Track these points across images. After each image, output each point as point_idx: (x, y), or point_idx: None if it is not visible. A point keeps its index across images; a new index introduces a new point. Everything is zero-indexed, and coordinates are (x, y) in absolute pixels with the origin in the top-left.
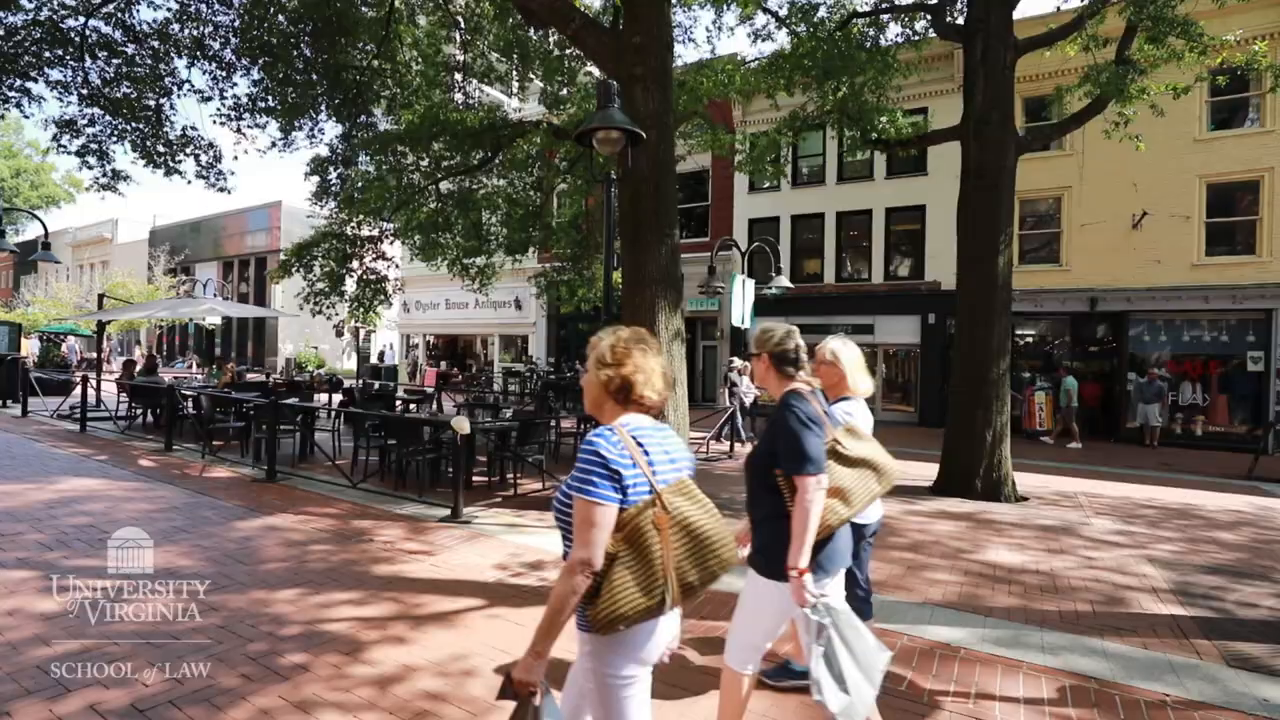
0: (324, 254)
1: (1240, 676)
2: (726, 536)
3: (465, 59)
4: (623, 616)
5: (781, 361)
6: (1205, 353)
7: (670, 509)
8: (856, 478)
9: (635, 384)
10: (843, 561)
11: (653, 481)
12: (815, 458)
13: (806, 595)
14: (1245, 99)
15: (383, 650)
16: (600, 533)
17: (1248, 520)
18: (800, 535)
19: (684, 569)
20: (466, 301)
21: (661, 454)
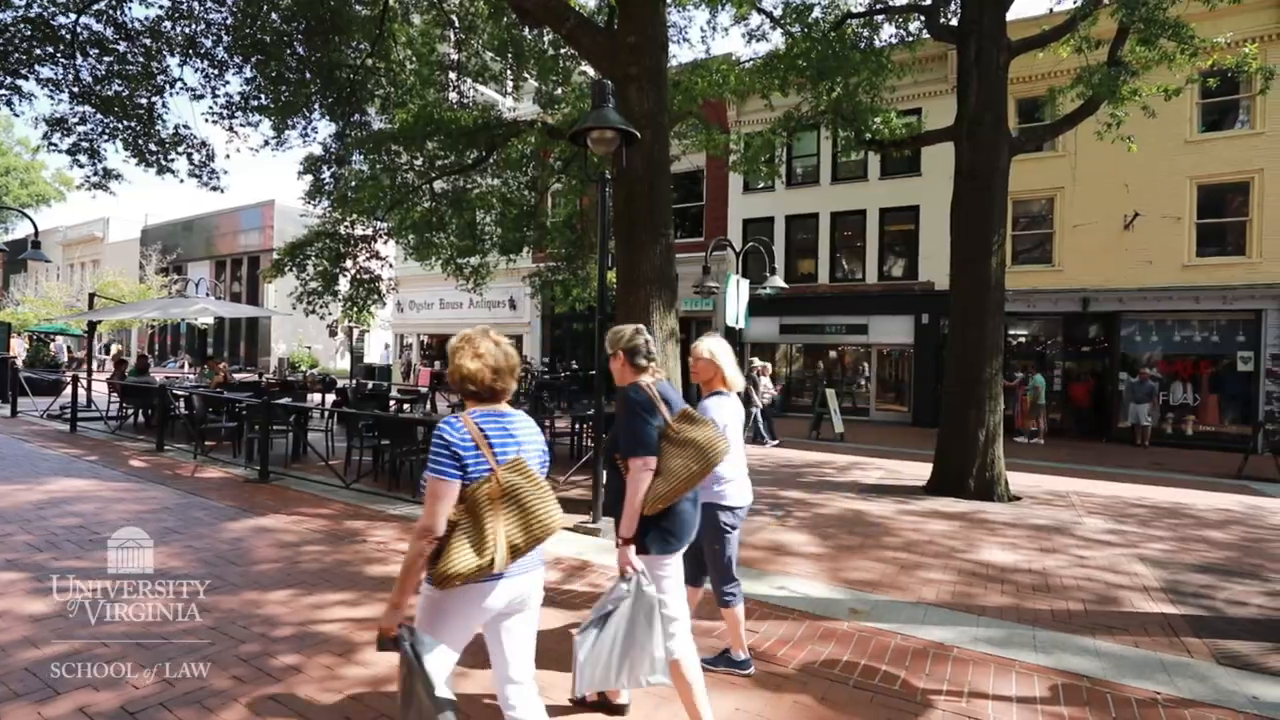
0: (317, 253)
1: (1230, 674)
2: (551, 507)
3: (460, 58)
4: (458, 574)
5: (633, 356)
6: (1196, 353)
7: (503, 483)
8: (681, 459)
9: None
10: (682, 539)
11: (492, 461)
12: (643, 442)
13: (630, 565)
14: (1235, 101)
15: (373, 651)
16: (442, 504)
17: (1237, 519)
18: (628, 511)
19: (512, 534)
20: (460, 301)
21: (505, 436)
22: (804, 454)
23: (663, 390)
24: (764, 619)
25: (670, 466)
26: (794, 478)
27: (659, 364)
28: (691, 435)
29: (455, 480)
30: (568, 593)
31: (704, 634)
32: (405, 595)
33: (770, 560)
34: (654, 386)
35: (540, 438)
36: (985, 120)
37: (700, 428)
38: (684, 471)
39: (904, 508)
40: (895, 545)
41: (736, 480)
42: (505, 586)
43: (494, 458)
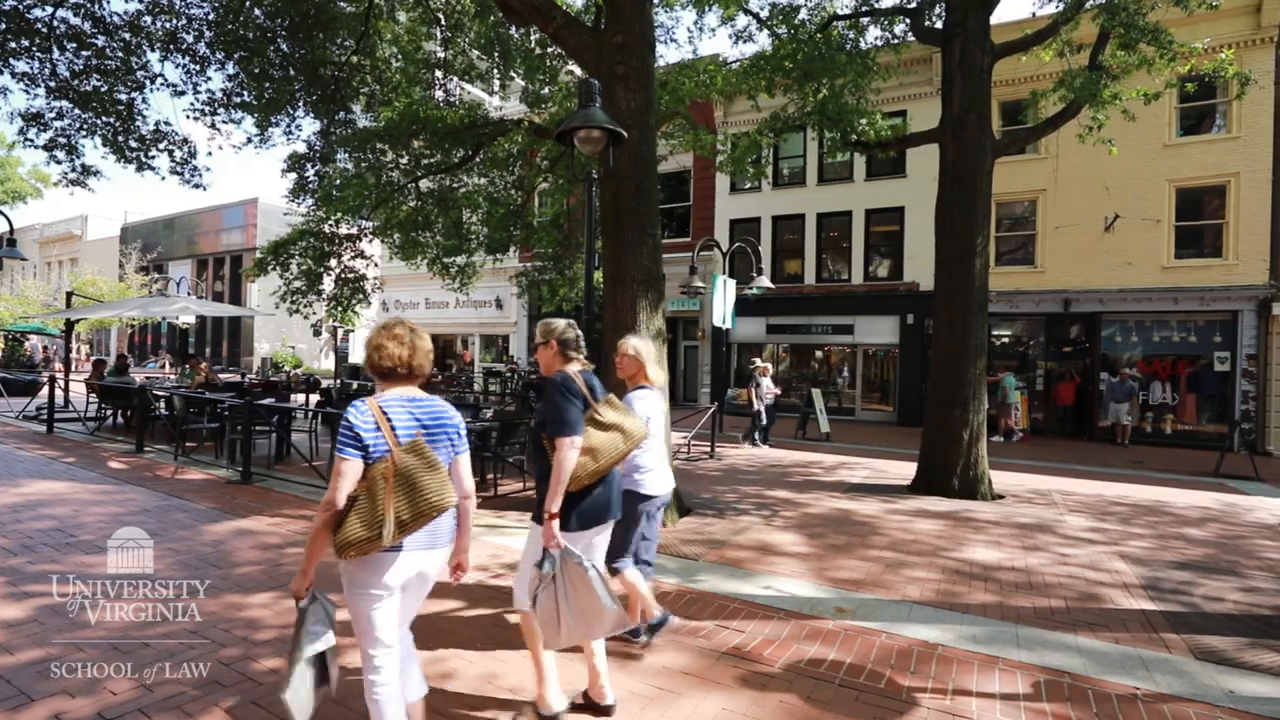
0: (301, 252)
1: (1207, 669)
2: (442, 487)
3: (446, 56)
4: (350, 544)
5: (565, 347)
6: (1174, 353)
7: (398, 463)
8: (607, 439)
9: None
10: (599, 517)
11: (392, 442)
12: (570, 423)
13: (552, 539)
14: (1213, 106)
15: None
16: (343, 480)
17: (1214, 516)
18: (554, 485)
19: (400, 509)
20: (447, 301)
21: (409, 419)
22: (791, 454)
23: (587, 379)
24: (750, 618)
25: (598, 445)
26: (781, 477)
27: (583, 355)
28: (615, 419)
29: (357, 459)
30: None
31: (690, 634)
32: (312, 562)
33: (758, 560)
34: (579, 375)
35: (453, 421)
36: (969, 122)
37: (622, 412)
38: (612, 449)
39: (890, 507)
40: (881, 544)
41: (656, 470)
42: (406, 560)
43: (394, 439)
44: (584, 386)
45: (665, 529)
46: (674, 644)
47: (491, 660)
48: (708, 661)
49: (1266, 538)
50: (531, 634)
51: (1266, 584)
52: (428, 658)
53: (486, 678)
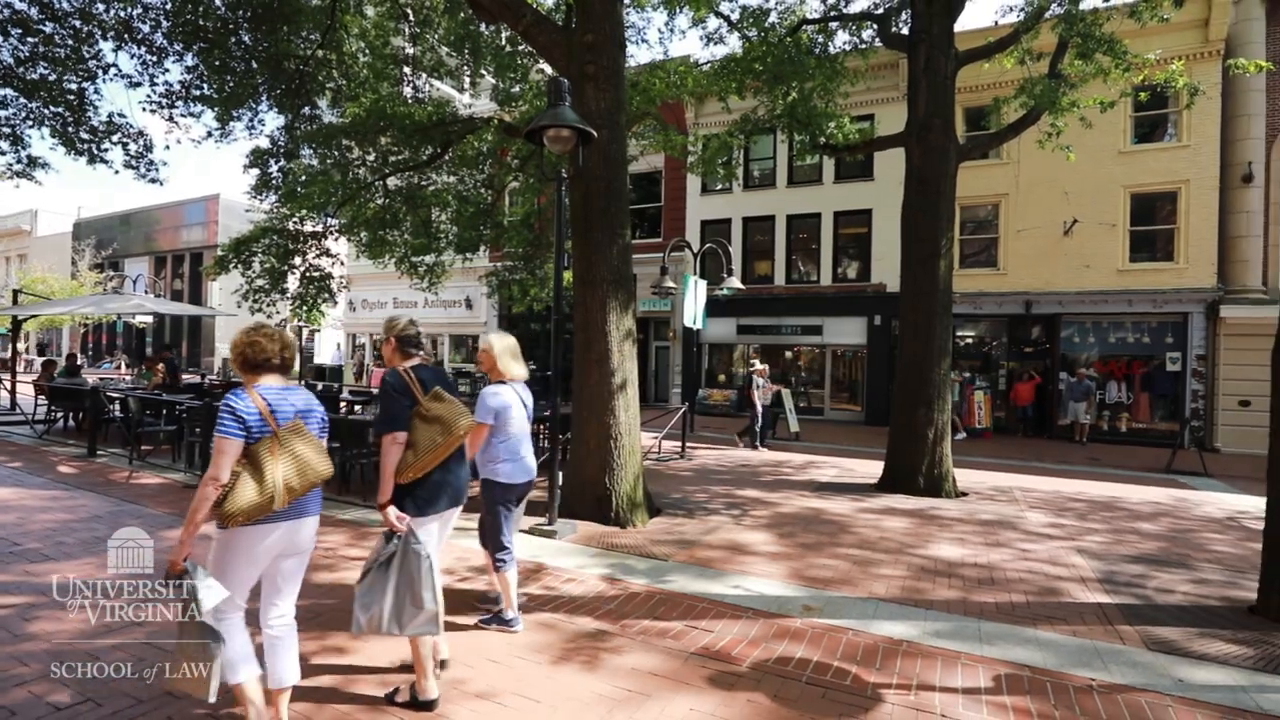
0: (264, 250)
1: (1160, 659)
2: (321, 459)
3: (414, 52)
4: (240, 511)
5: (404, 343)
6: (1129, 353)
7: (282, 440)
8: (427, 433)
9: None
10: (436, 504)
11: (274, 424)
12: (392, 419)
13: (393, 523)
14: (1165, 115)
15: (321, 660)
16: (227, 458)
17: (1166, 511)
18: (382, 478)
19: (289, 477)
20: (415, 300)
21: (285, 405)
22: (761, 454)
23: (420, 374)
24: (719, 618)
25: (419, 440)
26: (752, 477)
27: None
28: (438, 412)
29: (239, 439)
30: (522, 596)
31: (659, 634)
32: (191, 534)
33: (728, 560)
34: (411, 371)
35: (320, 409)
36: (934, 127)
37: (446, 405)
38: (430, 445)
39: (858, 505)
40: (849, 542)
41: (515, 461)
42: (284, 529)
43: (274, 421)
44: (414, 382)
45: (635, 529)
46: (643, 645)
47: (459, 666)
48: (676, 662)
49: (1214, 531)
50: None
51: (1214, 576)
52: (394, 663)
53: (453, 683)
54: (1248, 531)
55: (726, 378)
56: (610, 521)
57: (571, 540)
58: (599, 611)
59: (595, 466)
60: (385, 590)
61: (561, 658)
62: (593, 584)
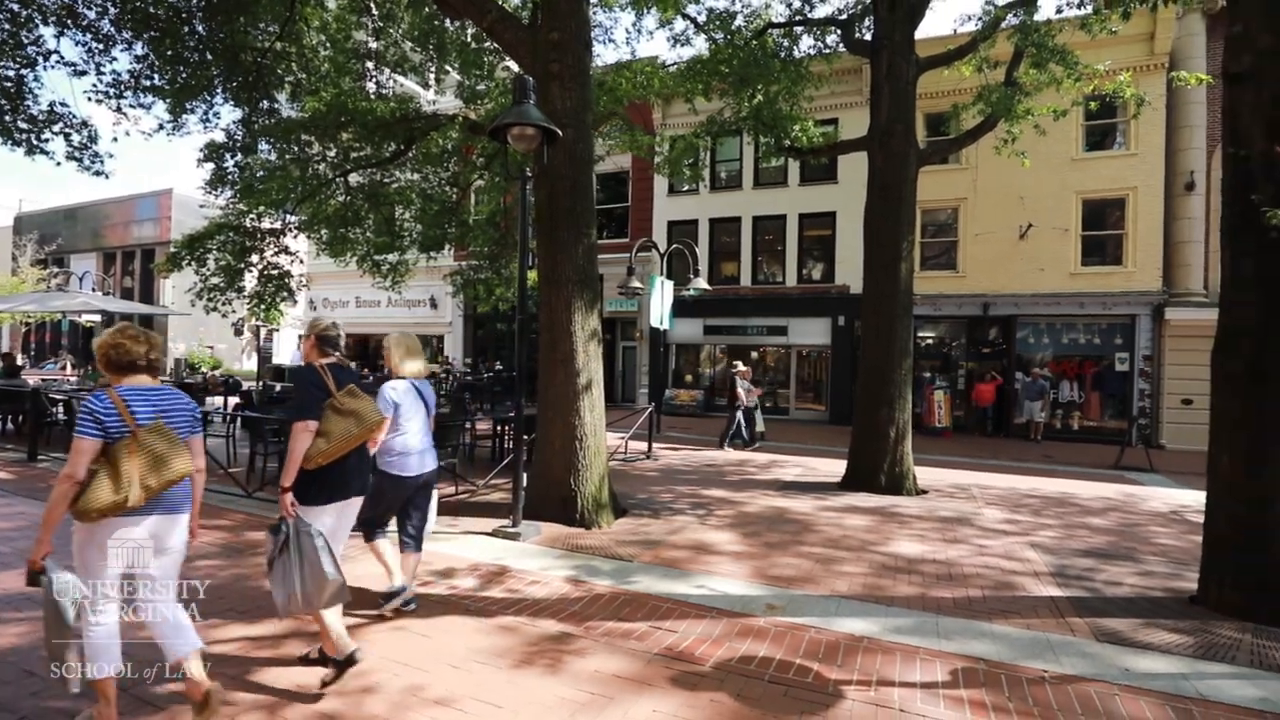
0: (220, 247)
1: (1108, 650)
2: (180, 459)
3: (377, 47)
4: (96, 508)
5: (323, 342)
6: (1081, 354)
7: (140, 440)
8: (341, 425)
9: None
10: (342, 492)
11: (132, 424)
12: (304, 408)
13: (287, 509)
14: (1114, 124)
15: (274, 671)
16: (83, 457)
17: (1115, 506)
18: (288, 464)
19: (145, 476)
20: (378, 300)
21: (146, 405)
22: (727, 454)
23: (336, 372)
24: (684, 618)
25: (331, 429)
26: (717, 477)
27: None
28: (353, 406)
29: (97, 439)
30: (484, 599)
31: (623, 636)
32: (49, 531)
33: (693, 560)
34: (326, 367)
35: (189, 406)
36: (895, 132)
37: (360, 401)
38: (344, 434)
39: (821, 503)
40: (813, 541)
41: (408, 455)
42: (143, 524)
43: (133, 421)
44: (329, 378)
45: (600, 530)
46: (607, 647)
47: (417, 672)
48: (640, 663)
49: (1159, 525)
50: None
51: (1159, 568)
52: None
53: (411, 690)
54: (1190, 525)
55: (694, 378)
56: (575, 523)
57: (536, 542)
58: (563, 614)
59: (560, 468)
60: (292, 575)
61: (523, 661)
62: (557, 586)
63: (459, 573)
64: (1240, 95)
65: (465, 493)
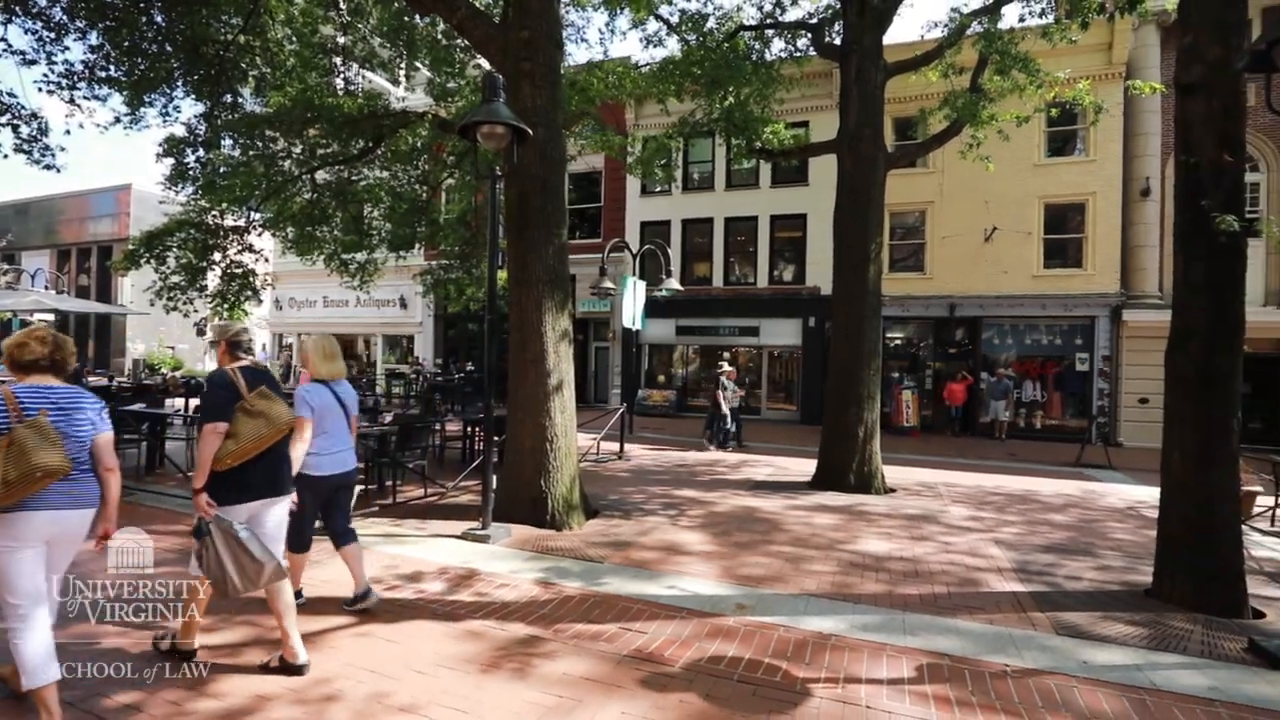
0: (180, 244)
1: (1067, 643)
2: (51, 455)
3: (345, 42)
4: None
5: (233, 347)
6: (1043, 354)
7: (15, 436)
8: (250, 426)
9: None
10: (256, 492)
11: (15, 420)
12: (211, 410)
13: (203, 509)
14: (1074, 131)
15: (234, 680)
16: None
17: (1075, 502)
18: (198, 466)
19: (7, 471)
20: (346, 299)
21: (41, 402)
22: (698, 454)
23: (246, 373)
24: (654, 619)
25: (240, 430)
26: (689, 477)
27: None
28: (261, 408)
29: None
30: (452, 603)
31: (593, 638)
32: None
33: (663, 560)
34: (238, 370)
35: (93, 404)
36: (864, 136)
37: (269, 402)
38: (253, 435)
39: (791, 503)
40: (782, 540)
41: (325, 456)
42: (41, 518)
43: (18, 418)
44: (240, 380)
45: (571, 532)
46: (576, 649)
47: (382, 679)
48: (609, 666)
49: (1116, 520)
50: (271, 595)
51: (1116, 562)
52: (312, 679)
53: (375, 697)
54: (1145, 520)
55: (666, 378)
56: (546, 524)
57: (505, 544)
58: (532, 616)
59: (531, 469)
60: (224, 567)
61: (491, 665)
62: (526, 589)
63: (427, 576)
64: (1191, 105)
65: (435, 495)
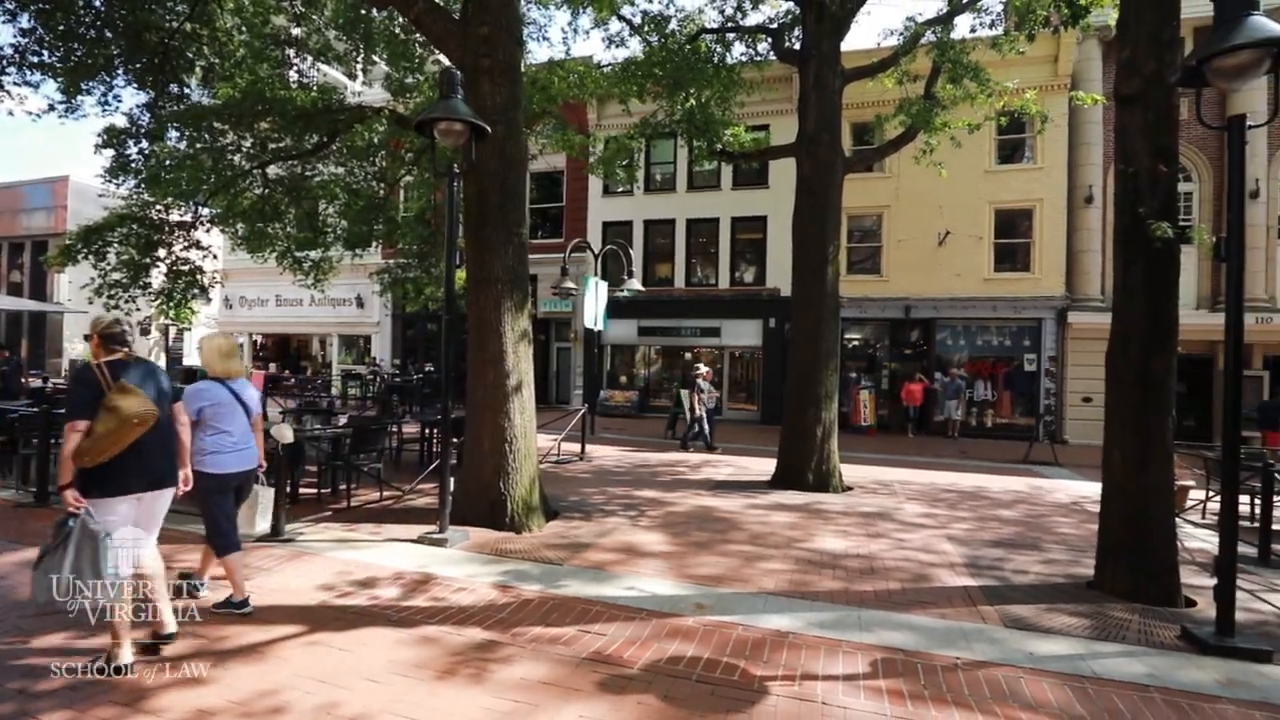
0: (122, 239)
1: (1014, 635)
2: None
3: (299, 33)
4: None
5: (107, 340)
6: (994, 355)
7: None
8: (106, 421)
9: None
10: (123, 486)
11: None
12: (74, 408)
13: (70, 504)
14: (1023, 139)
15: (173, 695)
16: None
17: (1023, 498)
18: (62, 462)
19: None
20: (300, 298)
21: None
22: (660, 454)
23: (116, 367)
24: (612, 621)
25: (96, 428)
26: (650, 477)
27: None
28: (118, 404)
29: None
30: (407, 609)
31: (550, 641)
32: None
33: (623, 561)
34: (105, 365)
35: None
36: (822, 140)
37: (128, 397)
38: (107, 430)
39: (750, 502)
40: (741, 539)
41: (222, 453)
42: None
43: None
44: (104, 375)
45: (531, 534)
46: (534, 653)
47: (332, 689)
48: (567, 669)
49: (1061, 515)
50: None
51: (1061, 556)
52: (257, 691)
53: (325, 708)
54: (1088, 514)
55: (628, 379)
56: (505, 527)
57: (463, 548)
58: (489, 621)
59: (490, 471)
60: (63, 564)
61: (447, 672)
62: (484, 593)
63: (381, 582)
64: (1129, 116)
65: (391, 498)
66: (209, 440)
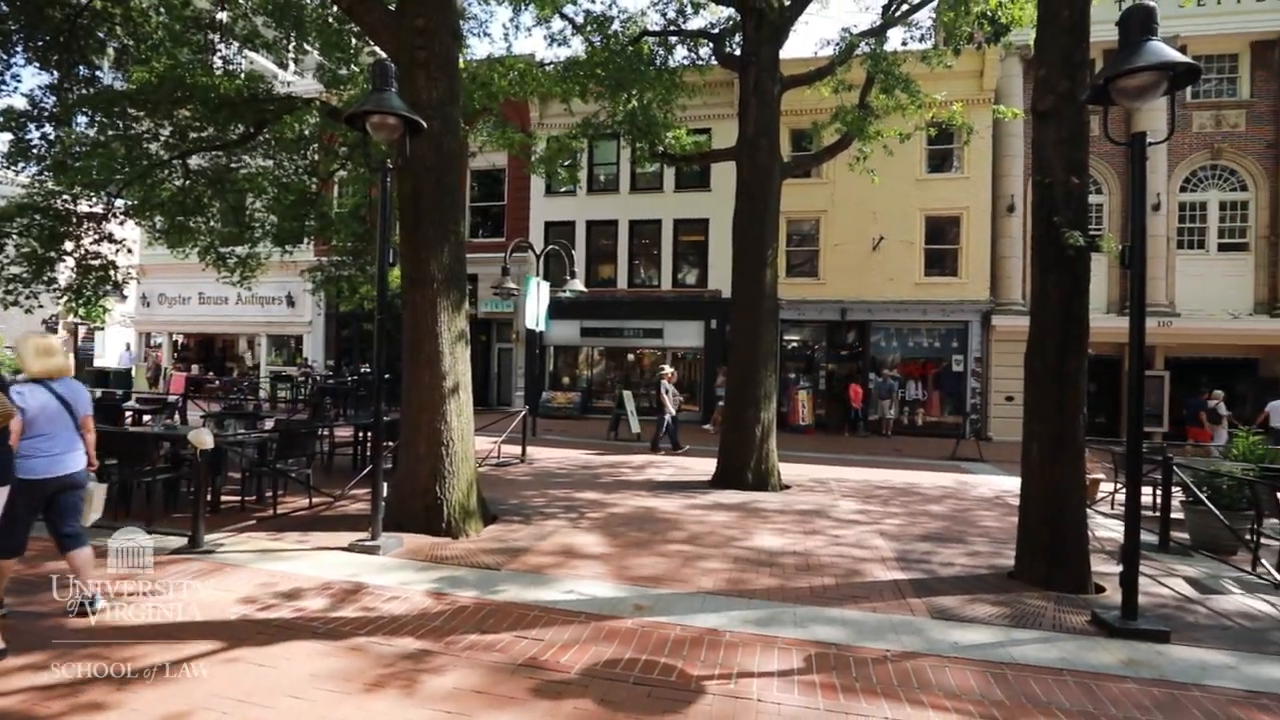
0: (23, 230)
1: (940, 626)
2: None
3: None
4: None
5: None
6: (924, 356)
7: None
8: None
9: None
10: None
11: None
12: None
13: None
14: (951, 149)
15: None
16: None
17: (951, 493)
18: None
19: None
20: (226, 296)
21: None
22: (602, 456)
23: None
24: (550, 625)
25: None
26: (591, 479)
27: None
28: None
29: None
30: (336, 620)
31: (485, 649)
32: None
33: (561, 564)
34: None
35: None
36: (761, 145)
37: None
38: None
39: (690, 502)
40: (680, 539)
41: (41, 458)
42: None
43: None
44: None
45: (468, 539)
46: (468, 662)
47: (251, 707)
48: (502, 676)
49: (985, 509)
50: None
51: (984, 548)
52: (165, 714)
53: None
54: (1010, 508)
55: (571, 380)
56: (441, 532)
57: (397, 555)
58: (422, 630)
59: (425, 475)
60: None
61: (375, 684)
62: (417, 600)
63: (307, 593)
64: (1045, 131)
65: (321, 505)
66: (24, 444)
